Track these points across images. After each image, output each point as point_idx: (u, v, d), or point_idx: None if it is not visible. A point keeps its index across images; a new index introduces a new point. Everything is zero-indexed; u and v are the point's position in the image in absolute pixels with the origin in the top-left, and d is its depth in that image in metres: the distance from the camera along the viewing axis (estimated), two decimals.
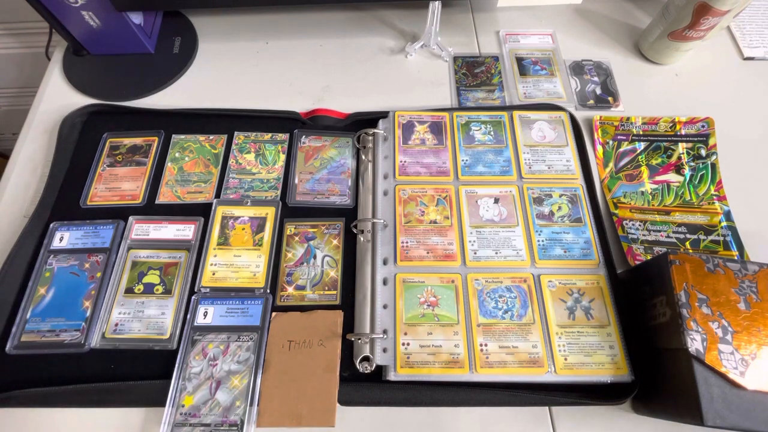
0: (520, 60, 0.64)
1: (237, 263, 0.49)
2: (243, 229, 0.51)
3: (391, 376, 0.43)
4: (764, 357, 0.36)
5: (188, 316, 0.46)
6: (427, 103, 0.60)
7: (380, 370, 0.44)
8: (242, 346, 0.45)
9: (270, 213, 0.52)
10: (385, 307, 0.46)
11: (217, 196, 0.53)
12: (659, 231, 0.51)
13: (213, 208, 0.52)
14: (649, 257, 0.50)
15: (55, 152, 0.55)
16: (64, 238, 0.50)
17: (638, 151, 0.56)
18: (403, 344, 0.44)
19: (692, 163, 0.55)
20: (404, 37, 0.67)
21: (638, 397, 0.42)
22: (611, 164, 0.56)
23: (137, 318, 0.46)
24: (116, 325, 0.46)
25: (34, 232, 0.50)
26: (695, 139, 0.57)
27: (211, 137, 0.57)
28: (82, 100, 0.59)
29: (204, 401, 0.42)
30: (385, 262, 0.48)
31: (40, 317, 0.46)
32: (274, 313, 0.47)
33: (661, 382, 0.41)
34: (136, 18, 0.59)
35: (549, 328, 0.45)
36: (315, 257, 0.50)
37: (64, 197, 0.53)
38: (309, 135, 0.57)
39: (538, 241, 0.49)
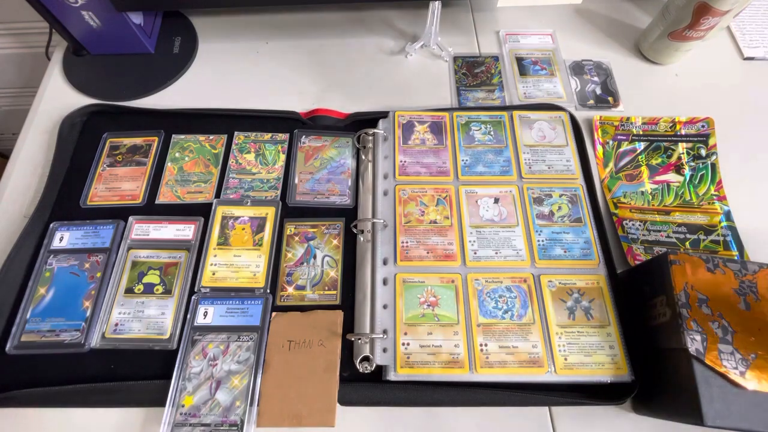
0: (520, 60, 0.64)
1: (237, 263, 0.49)
2: (243, 229, 0.51)
3: (391, 376, 0.43)
4: (764, 357, 0.36)
5: (188, 316, 0.46)
6: (427, 103, 0.60)
7: (380, 370, 0.44)
8: (242, 346, 0.45)
9: (270, 213, 0.52)
10: (385, 307, 0.46)
11: (217, 196, 0.53)
12: (659, 231, 0.51)
13: (213, 208, 0.52)
14: (649, 257, 0.49)
15: (55, 152, 0.55)
16: (64, 238, 0.50)
17: (638, 151, 0.56)
18: (403, 344, 0.44)
19: (692, 163, 0.55)
20: (404, 37, 0.67)
21: (638, 397, 0.42)
22: (611, 164, 0.56)
23: (137, 318, 0.46)
24: (116, 325, 0.46)
25: (34, 232, 0.50)
26: (695, 139, 0.57)
27: (211, 137, 0.57)
28: (82, 100, 0.59)
29: (204, 401, 0.42)
30: (385, 262, 0.48)
31: (40, 317, 0.46)
32: (274, 313, 0.47)
33: (661, 382, 0.41)
34: (136, 18, 0.59)
35: (549, 328, 0.45)
36: (315, 257, 0.50)
37: (64, 197, 0.53)
38: (309, 135, 0.57)
39: (538, 241, 0.49)
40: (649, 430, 0.43)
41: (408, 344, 0.44)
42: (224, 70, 0.63)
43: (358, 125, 0.57)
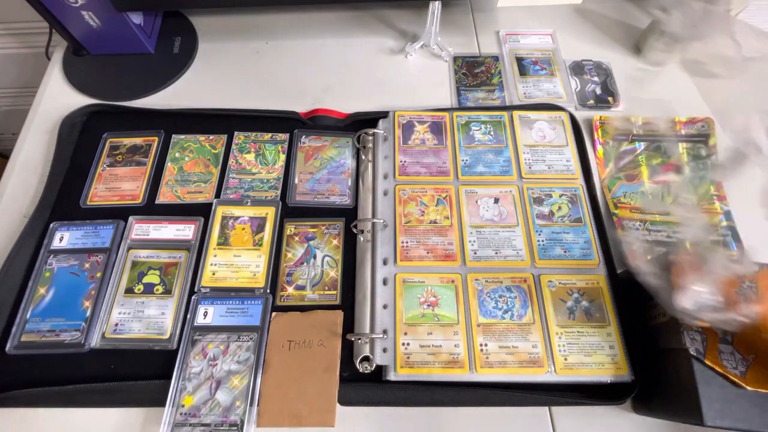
0: (520, 60, 0.64)
1: (237, 263, 0.49)
2: (243, 229, 0.51)
3: (391, 376, 0.43)
4: (764, 357, 0.36)
5: (188, 316, 0.46)
6: (427, 103, 0.60)
7: (380, 370, 0.44)
8: (242, 346, 0.45)
9: (270, 213, 0.52)
10: (385, 307, 0.46)
11: (217, 196, 0.53)
12: (659, 231, 0.51)
13: (213, 208, 0.52)
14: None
15: (55, 152, 0.55)
16: (64, 238, 0.50)
17: (638, 151, 0.56)
18: (403, 344, 0.44)
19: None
20: (404, 37, 0.67)
21: (638, 397, 0.42)
22: (611, 164, 0.56)
23: (137, 318, 0.46)
24: (116, 325, 0.46)
25: (34, 232, 0.50)
26: (695, 139, 0.57)
27: (211, 137, 0.57)
28: (82, 100, 0.59)
29: (204, 401, 0.42)
30: (385, 262, 0.48)
31: (40, 317, 0.46)
32: (274, 313, 0.47)
33: (661, 382, 0.41)
34: (136, 18, 0.59)
35: (549, 328, 0.45)
36: (315, 257, 0.50)
37: (64, 197, 0.53)
38: (309, 135, 0.57)
39: (538, 241, 0.49)
40: (649, 430, 0.43)
41: (408, 344, 0.44)
42: (224, 70, 0.63)
43: (358, 125, 0.57)
